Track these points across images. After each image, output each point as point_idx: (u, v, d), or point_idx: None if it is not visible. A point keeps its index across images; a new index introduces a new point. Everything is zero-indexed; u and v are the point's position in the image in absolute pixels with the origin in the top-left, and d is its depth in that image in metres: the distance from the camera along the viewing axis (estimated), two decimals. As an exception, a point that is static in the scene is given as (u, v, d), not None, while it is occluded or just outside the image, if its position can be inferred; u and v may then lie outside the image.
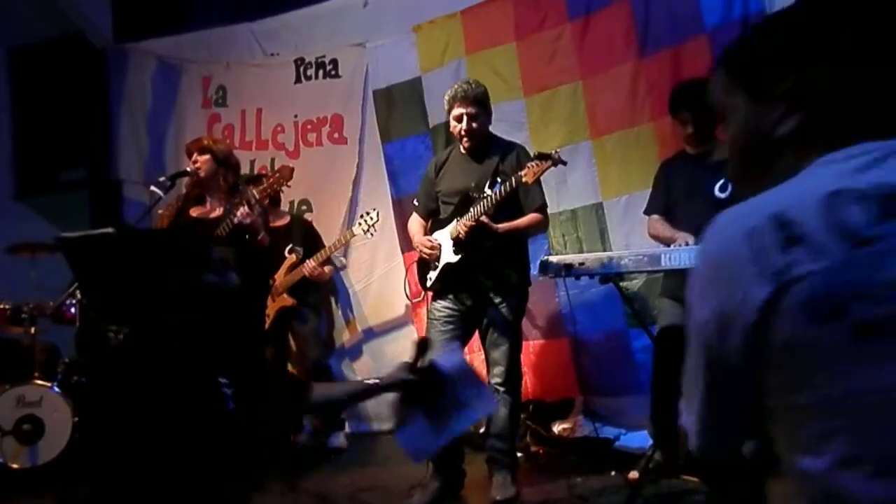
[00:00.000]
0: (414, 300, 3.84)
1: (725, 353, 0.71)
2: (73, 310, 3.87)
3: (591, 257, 2.78)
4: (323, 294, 4.25)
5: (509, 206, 2.83)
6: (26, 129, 5.54)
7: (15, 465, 3.42)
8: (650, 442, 3.10)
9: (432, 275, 2.94)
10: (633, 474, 2.97)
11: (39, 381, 3.59)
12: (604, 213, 3.67)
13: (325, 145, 4.47)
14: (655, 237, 3.09)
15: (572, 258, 2.80)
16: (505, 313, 2.87)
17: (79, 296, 3.81)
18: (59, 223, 4.90)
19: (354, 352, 4.41)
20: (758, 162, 0.80)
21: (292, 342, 4.06)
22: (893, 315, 0.63)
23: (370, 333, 4.35)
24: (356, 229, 3.85)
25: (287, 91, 4.57)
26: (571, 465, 3.29)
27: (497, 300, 2.87)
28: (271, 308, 3.94)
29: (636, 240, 3.33)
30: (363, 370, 4.31)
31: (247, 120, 4.72)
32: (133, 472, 1.39)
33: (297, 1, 4.54)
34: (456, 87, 2.94)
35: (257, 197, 2.96)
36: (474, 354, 3.38)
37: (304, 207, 4.44)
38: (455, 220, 2.89)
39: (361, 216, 3.86)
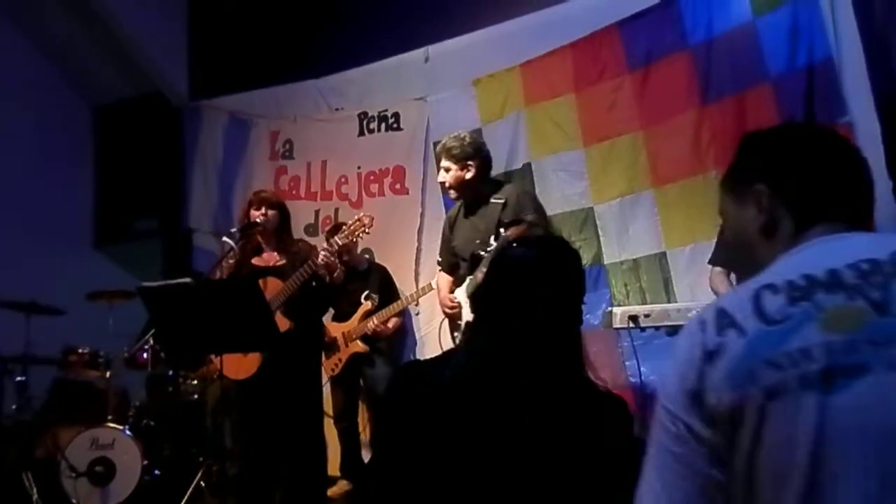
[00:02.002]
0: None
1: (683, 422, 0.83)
2: (145, 355, 4.02)
3: (657, 309, 2.75)
4: (395, 340, 4.26)
5: None
6: (106, 182, 5.88)
7: (87, 507, 3.52)
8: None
9: (457, 335, 2.94)
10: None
11: (112, 424, 3.72)
12: (668, 263, 3.61)
13: (386, 196, 4.58)
14: (714, 291, 3.03)
15: (637, 310, 2.78)
16: None
17: (151, 342, 3.96)
18: (134, 271, 5.15)
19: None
20: (746, 254, 1.00)
21: (362, 387, 4.09)
22: (790, 378, 0.76)
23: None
24: (434, 283, 3.86)
25: (351, 144, 4.72)
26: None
27: None
28: (344, 353, 4.01)
29: (702, 290, 3.25)
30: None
31: (312, 171, 4.89)
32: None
33: (360, 57, 4.73)
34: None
35: (340, 244, 3.09)
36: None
37: (366, 256, 4.53)
38: (468, 278, 2.90)
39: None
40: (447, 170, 2.96)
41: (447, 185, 2.99)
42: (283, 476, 3.05)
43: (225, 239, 3.32)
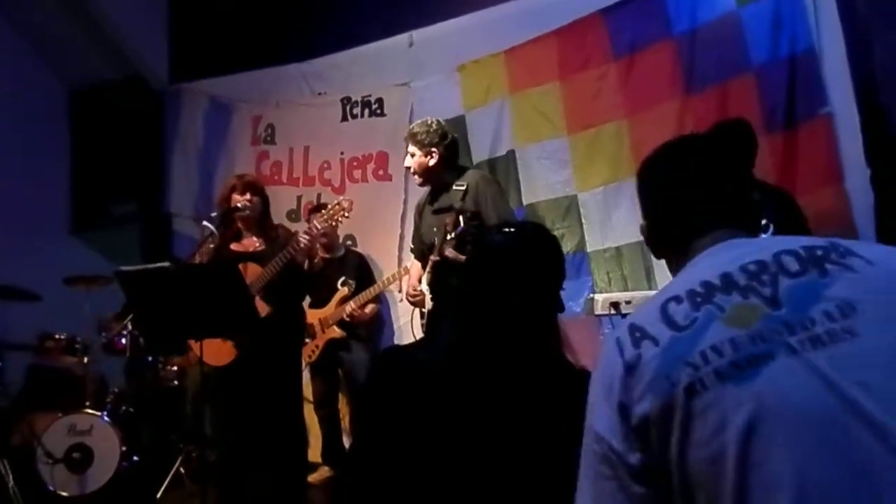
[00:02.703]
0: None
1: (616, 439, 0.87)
2: (123, 341, 3.98)
3: (638, 296, 2.77)
4: (373, 327, 4.25)
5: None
6: (83, 167, 5.78)
7: (65, 493, 3.48)
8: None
9: (422, 322, 2.94)
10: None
11: (90, 411, 3.67)
12: (649, 251, 3.62)
13: (370, 182, 4.55)
14: None
15: (619, 296, 2.80)
16: None
17: (130, 327, 3.92)
18: (112, 256, 5.07)
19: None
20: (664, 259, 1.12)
21: (341, 374, 4.09)
22: (706, 375, 0.82)
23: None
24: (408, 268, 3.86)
25: (334, 129, 4.68)
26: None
27: None
28: (321, 339, 4.00)
29: (683, 278, 3.29)
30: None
31: (294, 157, 4.84)
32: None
33: (344, 42, 4.68)
34: None
35: (319, 227, 3.06)
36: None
37: (349, 242, 4.50)
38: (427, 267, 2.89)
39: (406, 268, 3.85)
40: (412, 155, 2.97)
41: (412, 170, 3.01)
42: (262, 462, 3.03)
43: (205, 224, 3.28)
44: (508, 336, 1.26)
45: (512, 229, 1.43)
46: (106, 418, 3.65)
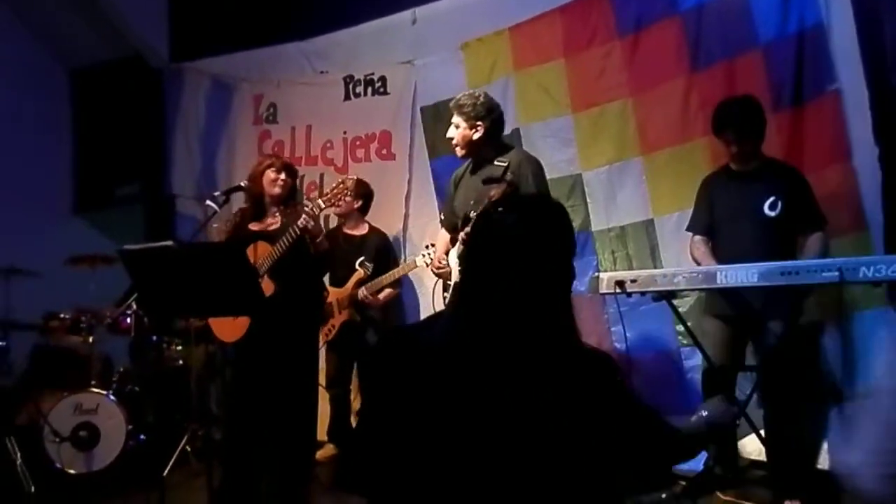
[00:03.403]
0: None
1: None
2: (128, 320, 3.99)
3: (643, 274, 2.75)
4: (389, 310, 4.17)
5: None
6: (85, 147, 5.76)
7: (72, 471, 3.51)
8: (701, 463, 3.03)
9: (446, 295, 2.93)
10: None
11: (96, 390, 3.69)
12: (655, 230, 3.61)
13: (373, 161, 4.52)
14: (694, 259, 3.05)
15: (624, 275, 2.78)
16: None
17: (134, 307, 3.92)
18: (115, 236, 5.07)
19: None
20: None
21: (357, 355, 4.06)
22: None
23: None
24: (419, 261, 3.80)
25: (336, 108, 4.65)
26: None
27: None
28: (337, 320, 3.99)
29: (689, 257, 3.27)
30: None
31: (296, 136, 4.82)
32: None
33: (345, 20, 4.63)
34: None
35: (322, 206, 3.05)
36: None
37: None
38: (459, 238, 2.87)
39: (427, 246, 3.79)
40: (457, 126, 2.93)
41: (454, 142, 2.96)
42: (270, 439, 3.04)
43: (209, 203, 3.26)
44: (514, 313, 1.21)
45: (516, 204, 1.40)
46: (112, 397, 3.67)
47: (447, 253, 3.03)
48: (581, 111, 3.83)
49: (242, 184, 3.27)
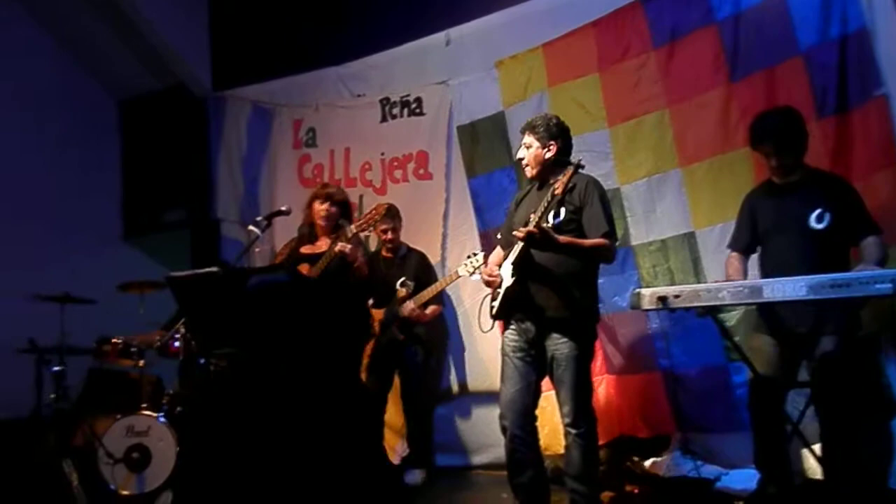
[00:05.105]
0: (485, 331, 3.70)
1: None
2: (176, 343, 4.08)
3: (686, 289, 2.69)
4: (435, 328, 4.19)
5: (573, 236, 2.80)
6: (133, 175, 5.96)
7: (125, 492, 3.59)
8: (754, 483, 2.94)
9: (494, 303, 2.93)
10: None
11: (147, 412, 3.78)
12: (696, 243, 3.55)
13: (410, 181, 4.57)
14: (727, 277, 2.98)
15: (667, 290, 2.72)
16: (567, 346, 2.75)
17: (182, 330, 4.02)
18: (163, 261, 5.22)
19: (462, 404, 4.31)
20: None
21: (398, 378, 4.10)
22: None
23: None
24: (461, 270, 3.83)
25: (373, 130, 4.72)
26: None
27: (558, 330, 2.77)
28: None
29: (733, 270, 3.20)
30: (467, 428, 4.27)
31: (335, 159, 4.90)
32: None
33: (380, 43, 4.71)
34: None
35: (354, 231, 3.12)
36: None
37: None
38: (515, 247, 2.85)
39: (469, 256, 3.83)
40: (528, 146, 2.97)
41: (525, 161, 2.99)
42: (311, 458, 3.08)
43: (251, 227, 3.37)
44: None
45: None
46: (162, 419, 3.75)
47: (499, 265, 3.04)
48: (617, 124, 3.81)
49: (284, 208, 3.36)
